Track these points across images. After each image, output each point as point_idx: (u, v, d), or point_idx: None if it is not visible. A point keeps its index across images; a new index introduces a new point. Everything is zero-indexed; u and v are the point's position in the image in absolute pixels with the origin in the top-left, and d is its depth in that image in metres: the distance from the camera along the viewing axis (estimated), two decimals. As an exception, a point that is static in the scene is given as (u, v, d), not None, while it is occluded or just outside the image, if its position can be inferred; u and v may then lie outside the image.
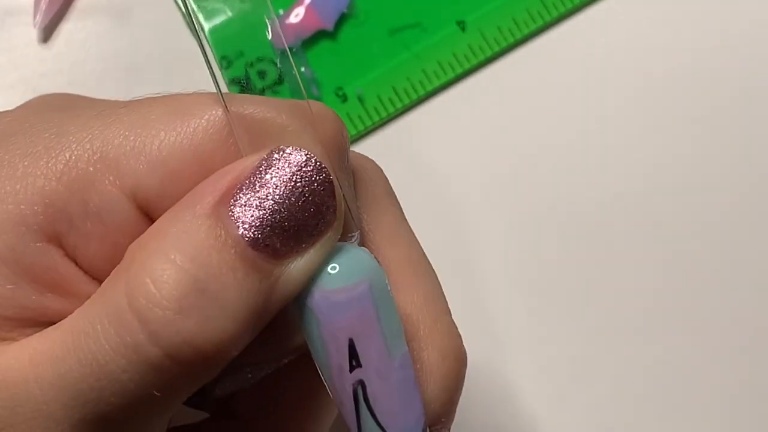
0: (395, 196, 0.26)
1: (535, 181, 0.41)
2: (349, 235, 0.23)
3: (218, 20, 0.41)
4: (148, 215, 0.23)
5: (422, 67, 0.41)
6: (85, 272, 0.23)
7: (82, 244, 0.23)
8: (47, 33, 0.40)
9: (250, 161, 0.22)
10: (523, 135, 0.41)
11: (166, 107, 0.23)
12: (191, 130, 0.23)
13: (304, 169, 0.22)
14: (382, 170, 0.27)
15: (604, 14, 0.42)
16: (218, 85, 0.23)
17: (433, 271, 0.26)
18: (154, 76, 0.39)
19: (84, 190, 0.22)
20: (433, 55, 0.41)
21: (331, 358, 0.23)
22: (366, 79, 0.40)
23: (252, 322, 0.21)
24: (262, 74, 0.40)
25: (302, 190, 0.22)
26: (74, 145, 0.23)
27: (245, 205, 0.21)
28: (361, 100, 0.40)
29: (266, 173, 0.22)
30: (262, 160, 0.22)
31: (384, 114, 0.40)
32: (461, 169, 0.41)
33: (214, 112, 0.23)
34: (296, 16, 0.40)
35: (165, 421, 0.23)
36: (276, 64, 0.40)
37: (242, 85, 0.40)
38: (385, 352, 0.23)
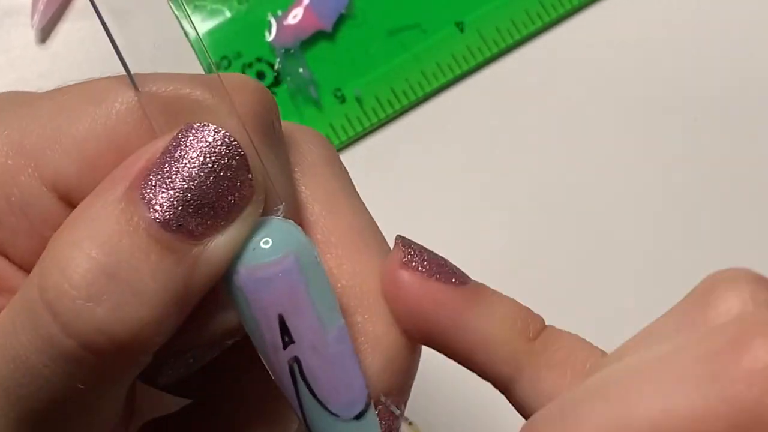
0: (339, 164, 0.26)
1: (534, 181, 0.41)
2: (275, 208, 0.23)
3: (217, 21, 0.41)
4: (71, 204, 0.22)
5: (421, 68, 0.41)
6: (19, 267, 0.23)
7: (10, 239, 0.22)
8: (45, 33, 0.40)
9: (161, 142, 0.21)
10: (522, 135, 0.41)
11: (81, 93, 0.23)
12: (105, 114, 0.22)
13: (212, 144, 0.21)
14: (324, 138, 0.26)
15: (602, 15, 0.42)
16: (126, 65, 0.22)
17: (382, 238, 0.25)
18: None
19: (4, 184, 0.22)
20: (431, 56, 0.41)
21: (264, 336, 0.22)
22: (364, 80, 0.40)
23: (172, 306, 0.21)
24: (260, 75, 0.40)
25: (212, 167, 0.21)
26: None
27: (156, 187, 0.21)
28: (359, 101, 0.40)
29: (176, 152, 0.21)
30: (173, 139, 0.21)
31: (382, 115, 0.40)
32: (460, 169, 0.40)
33: (127, 94, 0.22)
34: (295, 17, 0.40)
35: (109, 413, 0.23)
36: (273, 66, 0.40)
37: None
38: (319, 326, 0.22)
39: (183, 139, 0.21)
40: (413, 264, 0.23)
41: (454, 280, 0.23)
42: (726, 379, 0.18)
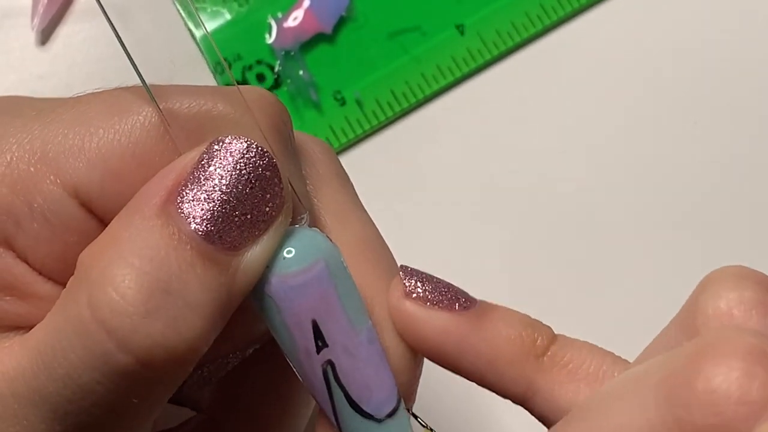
0: (346, 176, 0.26)
1: (535, 183, 0.41)
2: (299, 217, 0.23)
3: (217, 24, 0.41)
4: (93, 212, 0.23)
5: (421, 71, 0.41)
6: (39, 273, 0.23)
7: (32, 245, 0.23)
8: (45, 35, 0.40)
9: (190, 156, 0.22)
10: (523, 137, 0.41)
11: (104, 104, 0.23)
12: (129, 127, 0.23)
13: (246, 156, 0.22)
14: (332, 150, 0.26)
15: (603, 17, 0.42)
16: (146, 83, 0.22)
17: (388, 250, 0.26)
18: (153, 79, 0.39)
19: (27, 191, 0.22)
20: (431, 59, 0.41)
21: (296, 343, 0.22)
22: (364, 83, 0.40)
23: (218, 317, 0.21)
24: (260, 78, 0.40)
25: (248, 177, 0.22)
26: (14, 147, 0.23)
27: (193, 200, 0.21)
28: (359, 103, 0.40)
29: (209, 165, 0.21)
30: (203, 153, 0.22)
31: (382, 117, 0.40)
32: (460, 172, 0.40)
33: (149, 107, 0.23)
34: (295, 19, 0.40)
35: (150, 424, 0.23)
36: (273, 68, 0.40)
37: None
38: (350, 329, 0.23)
39: (215, 152, 0.22)
40: (416, 294, 0.24)
41: (457, 305, 0.24)
42: (679, 401, 0.18)
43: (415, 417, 0.24)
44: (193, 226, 0.21)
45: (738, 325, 0.20)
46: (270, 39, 0.40)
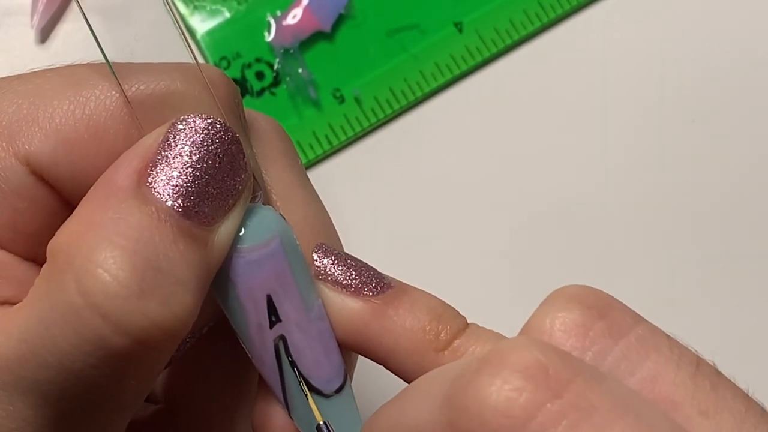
0: (295, 155, 0.26)
1: (533, 181, 0.41)
2: (254, 194, 0.23)
3: (216, 22, 0.41)
4: (45, 181, 0.23)
5: (420, 69, 0.41)
6: None
7: None
8: (45, 34, 0.40)
9: (153, 137, 0.22)
10: (521, 135, 0.41)
11: (60, 77, 0.23)
12: (84, 99, 0.23)
13: (211, 132, 0.22)
14: (281, 127, 0.27)
15: (601, 16, 0.42)
16: (106, 55, 0.23)
17: (334, 230, 0.26)
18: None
19: None
20: (430, 57, 0.41)
21: (249, 318, 0.23)
22: (363, 81, 0.40)
23: (201, 292, 0.21)
24: (259, 75, 0.40)
25: (215, 153, 0.22)
26: None
27: (165, 179, 0.21)
28: (358, 101, 0.40)
29: (176, 144, 0.22)
30: (167, 132, 0.22)
31: (381, 115, 0.40)
32: (458, 170, 0.41)
33: (106, 82, 0.23)
34: (294, 17, 0.40)
35: (141, 401, 0.23)
36: (272, 66, 0.40)
37: (240, 86, 0.40)
38: (303, 305, 0.23)
39: (180, 131, 0.22)
40: (324, 275, 0.24)
41: (367, 289, 0.24)
42: (454, 405, 0.18)
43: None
44: (169, 203, 0.21)
45: (544, 341, 0.20)
46: (269, 37, 0.40)
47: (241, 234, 0.23)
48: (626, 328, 0.20)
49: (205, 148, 0.22)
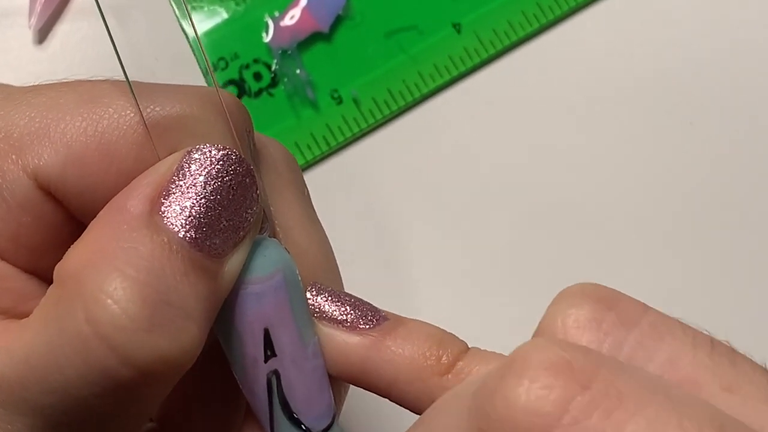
0: (302, 185, 0.26)
1: (531, 182, 0.41)
2: (261, 226, 0.23)
3: (214, 22, 0.41)
4: (52, 196, 0.23)
5: (418, 70, 0.41)
6: None
7: None
8: (42, 34, 0.40)
9: (168, 164, 0.22)
10: (519, 136, 0.41)
11: (75, 93, 0.23)
12: (97, 117, 0.23)
13: (227, 163, 0.22)
14: (291, 156, 0.26)
15: (600, 16, 0.42)
16: (129, 80, 0.23)
17: (335, 265, 0.26)
18: (150, 78, 0.39)
19: None
20: (428, 58, 0.41)
21: (245, 350, 0.23)
22: (361, 81, 0.40)
23: (209, 324, 0.21)
24: (257, 76, 0.40)
25: (230, 184, 0.22)
26: None
27: (178, 208, 0.21)
28: (356, 102, 0.40)
29: (191, 173, 0.21)
30: (182, 160, 0.22)
31: (379, 116, 0.40)
32: (457, 170, 0.41)
33: (121, 102, 0.23)
34: (292, 18, 0.40)
35: (141, 429, 0.23)
36: (270, 67, 0.40)
37: (237, 87, 0.40)
38: (299, 341, 0.23)
39: (196, 160, 0.22)
40: (320, 313, 0.24)
41: (362, 323, 0.24)
42: (482, 414, 0.18)
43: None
44: (181, 233, 0.21)
45: (562, 339, 0.20)
46: (267, 38, 0.40)
47: (246, 265, 0.22)
48: (637, 316, 0.20)
49: (220, 179, 0.22)
